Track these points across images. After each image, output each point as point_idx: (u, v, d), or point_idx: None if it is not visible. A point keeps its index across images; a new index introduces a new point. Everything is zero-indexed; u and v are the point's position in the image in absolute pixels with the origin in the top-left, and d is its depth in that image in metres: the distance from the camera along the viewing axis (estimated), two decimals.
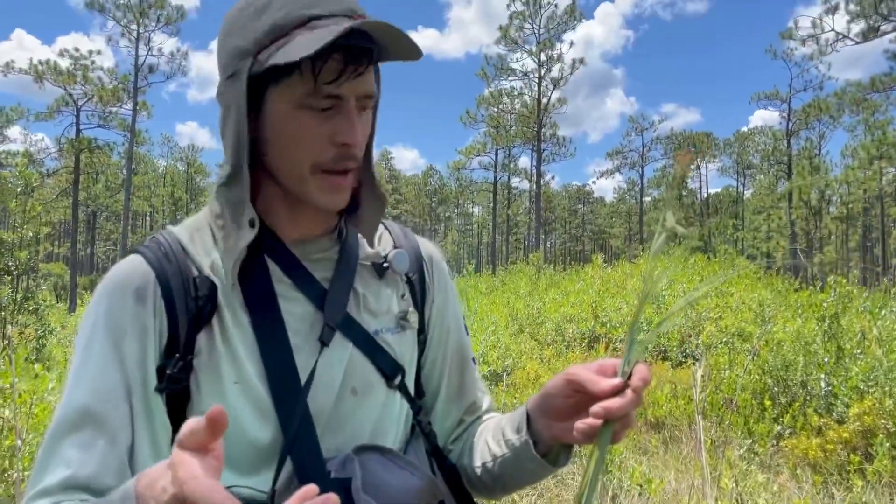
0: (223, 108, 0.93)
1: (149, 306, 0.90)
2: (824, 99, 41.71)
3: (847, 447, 5.27)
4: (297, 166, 0.91)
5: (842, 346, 6.51)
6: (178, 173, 64.50)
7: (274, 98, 0.89)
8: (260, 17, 0.87)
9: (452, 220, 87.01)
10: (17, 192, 12.79)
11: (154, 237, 0.97)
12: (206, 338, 0.91)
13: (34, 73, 34.88)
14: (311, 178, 0.91)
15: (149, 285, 0.91)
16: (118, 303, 0.90)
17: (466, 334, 1.20)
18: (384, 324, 1.03)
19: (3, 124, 48.72)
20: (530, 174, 50.37)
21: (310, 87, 0.86)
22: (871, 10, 31.10)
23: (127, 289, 0.90)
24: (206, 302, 0.91)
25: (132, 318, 0.89)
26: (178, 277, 0.92)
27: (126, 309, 0.89)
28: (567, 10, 42.66)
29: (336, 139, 0.89)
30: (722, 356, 8.19)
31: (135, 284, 0.90)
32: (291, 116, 0.88)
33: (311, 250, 1.00)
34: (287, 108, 0.88)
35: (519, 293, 17.67)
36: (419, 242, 1.17)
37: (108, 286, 0.92)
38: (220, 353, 0.91)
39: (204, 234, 0.98)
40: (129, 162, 37.01)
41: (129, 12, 34.88)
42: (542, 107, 43.56)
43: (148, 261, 0.92)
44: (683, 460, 5.52)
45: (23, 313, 9.82)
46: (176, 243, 0.96)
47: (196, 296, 0.91)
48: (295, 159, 0.90)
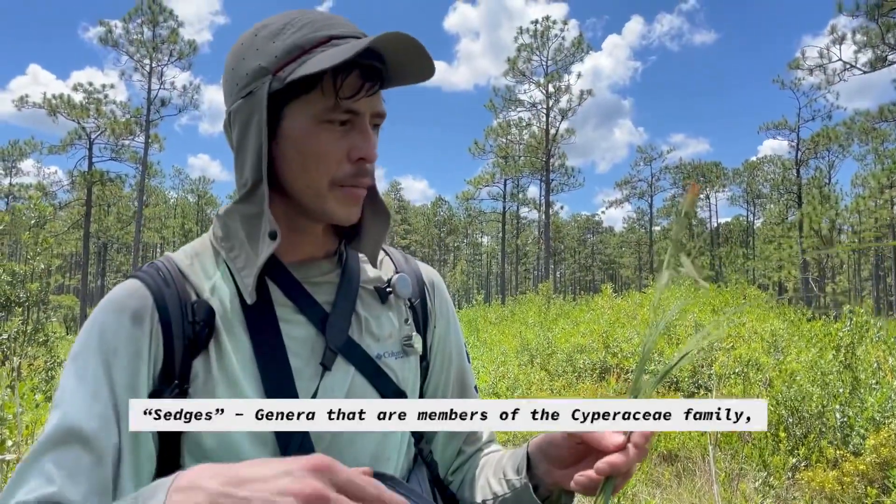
0: (238, 128, 0.93)
1: (145, 329, 0.88)
2: (833, 128, 41.80)
3: (864, 479, 5.17)
4: (316, 182, 0.91)
5: (857, 376, 6.41)
6: (188, 205, 65.09)
7: (293, 114, 0.90)
8: (277, 39, 0.89)
9: (461, 250, 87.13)
10: (31, 224, 12.91)
11: (152, 263, 0.96)
12: (203, 363, 0.90)
13: (48, 106, 35.47)
14: (330, 193, 0.92)
15: (146, 309, 0.89)
16: (114, 324, 0.88)
17: (468, 361, 1.19)
18: (387, 348, 1.02)
19: (17, 157, 49.51)
20: (539, 204, 50.50)
21: (331, 102, 0.88)
22: (878, 39, 31.28)
23: (124, 311, 0.89)
24: (203, 327, 0.90)
25: (126, 340, 0.87)
26: (176, 302, 0.91)
27: (121, 330, 0.87)
28: (574, 43, 43.17)
29: (353, 154, 0.91)
30: (735, 387, 8.09)
31: (132, 307, 0.89)
32: (312, 132, 0.90)
33: (312, 273, 1.00)
34: (307, 123, 0.90)
35: (528, 323, 17.60)
36: (420, 268, 1.16)
37: (105, 307, 0.90)
38: (216, 379, 0.89)
39: (204, 257, 0.98)
40: (141, 194, 37.35)
41: (143, 47, 35.53)
42: (550, 137, 43.83)
43: (146, 285, 0.91)
44: (697, 493, 5.42)
45: (32, 345, 9.82)
46: (174, 268, 0.95)
47: (193, 320, 0.90)
48: (314, 175, 0.91)
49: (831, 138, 41.92)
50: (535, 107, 44.37)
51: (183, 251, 1.00)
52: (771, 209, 55.97)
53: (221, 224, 0.98)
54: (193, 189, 65.00)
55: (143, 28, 35.63)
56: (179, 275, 0.94)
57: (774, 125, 43.78)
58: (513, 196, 53.06)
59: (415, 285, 1.10)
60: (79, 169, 37.62)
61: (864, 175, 43.79)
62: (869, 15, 30.94)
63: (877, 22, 30.98)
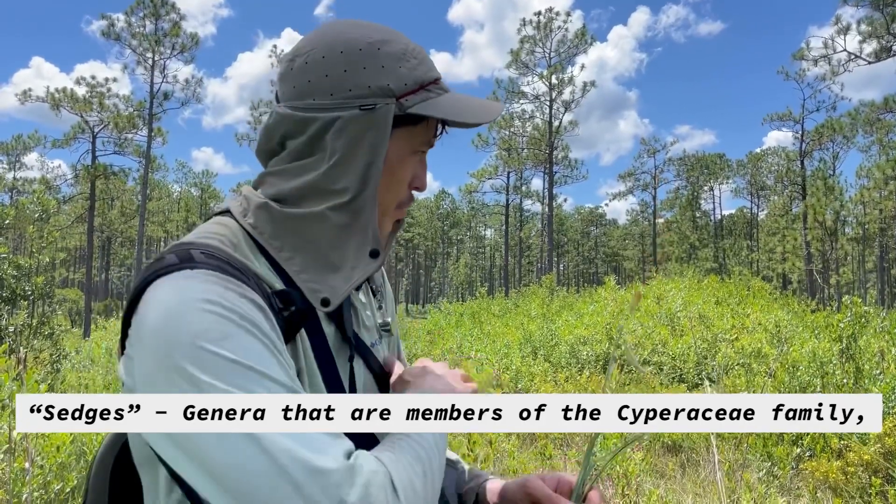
0: (349, 136, 0.90)
1: (270, 319, 0.80)
2: (837, 119, 41.60)
3: (868, 469, 5.17)
4: (388, 202, 0.98)
5: (860, 366, 6.41)
6: (192, 199, 65.12)
7: (398, 139, 0.95)
8: (403, 65, 0.94)
9: (465, 243, 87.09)
10: (35, 218, 12.94)
11: (205, 251, 0.83)
12: (293, 353, 0.87)
13: (51, 100, 35.44)
14: (392, 213, 1.01)
15: (258, 298, 0.80)
16: (248, 309, 0.77)
17: None
18: (373, 337, 1.07)
19: (21, 151, 49.56)
20: (542, 197, 50.45)
21: (429, 137, 0.99)
22: (883, 29, 31.12)
23: (244, 298, 0.78)
24: (294, 314, 0.87)
25: (262, 322, 0.78)
26: (258, 292, 0.83)
27: (257, 317, 0.77)
28: (577, 34, 42.98)
29: (414, 182, 1.02)
30: (739, 377, 8.10)
31: (249, 296, 0.79)
32: (407, 161, 0.98)
33: None
34: (406, 150, 0.97)
35: (532, 315, 17.60)
36: None
37: (219, 293, 0.76)
38: (303, 369, 0.89)
39: (243, 248, 0.90)
40: (144, 188, 37.36)
41: (145, 40, 35.44)
42: (553, 129, 43.72)
43: (231, 275, 0.80)
44: (701, 483, 5.44)
45: (38, 338, 9.87)
46: (235, 260, 0.86)
47: (280, 309, 0.85)
48: (391, 196, 0.98)
49: (836, 129, 41.74)
50: (538, 99, 44.25)
51: (217, 240, 0.88)
52: (775, 201, 55.89)
53: (268, 219, 0.92)
54: (197, 183, 65.04)
55: (144, 21, 35.58)
56: (243, 265, 0.86)
57: (779, 116, 43.59)
58: (516, 189, 53.02)
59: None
60: (82, 163, 37.61)
61: (868, 166, 43.67)
62: (874, 4, 30.80)
63: (882, 12, 30.83)
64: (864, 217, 46.97)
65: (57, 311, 12.75)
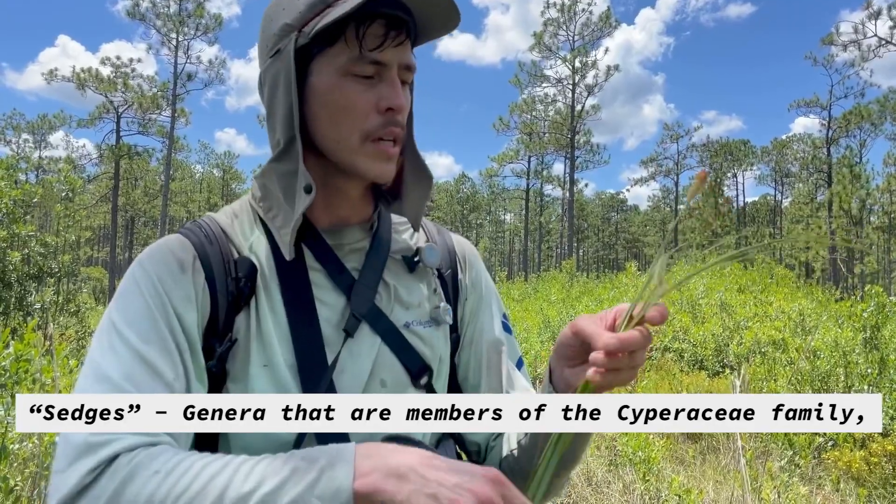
0: (269, 87, 0.94)
1: (192, 279, 0.88)
2: (866, 106, 40.86)
3: (892, 460, 5.13)
4: (347, 136, 0.91)
5: (885, 357, 6.34)
6: (214, 179, 65.49)
7: (319, 69, 0.90)
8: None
9: (484, 228, 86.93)
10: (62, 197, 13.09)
11: (194, 221, 0.97)
12: (244, 320, 0.90)
13: (76, 80, 35.72)
14: (361, 148, 0.91)
15: (192, 261, 0.89)
16: (163, 268, 0.87)
17: (509, 334, 1.15)
18: (416, 316, 1.02)
19: (47, 130, 50.05)
20: (563, 181, 50.14)
21: (355, 53, 0.88)
22: None
23: (171, 258, 0.88)
24: (245, 283, 0.91)
25: (176, 283, 0.86)
26: (219, 258, 0.91)
27: (172, 274, 0.87)
28: (602, 17, 42.49)
29: (381, 105, 0.90)
30: (760, 366, 8.04)
31: (179, 257, 0.89)
32: (338, 85, 0.89)
33: (345, 239, 1.00)
34: (333, 77, 0.90)
35: (551, 300, 17.57)
36: (454, 240, 1.16)
37: (152, 254, 0.89)
38: (253, 336, 0.90)
39: (243, 218, 0.99)
40: (168, 168, 37.63)
41: (169, 21, 35.56)
42: (575, 114, 43.37)
43: (189, 240, 0.92)
44: (722, 471, 5.42)
45: (64, 315, 10.01)
46: (216, 226, 0.96)
47: (236, 277, 0.91)
48: (344, 129, 0.91)
49: (864, 116, 41.00)
50: (560, 82, 43.89)
51: (223, 212, 1.01)
52: (800, 188, 55.06)
53: (259, 185, 0.98)
54: (219, 164, 65.33)
55: (169, 2, 35.68)
56: (221, 233, 0.95)
57: (806, 102, 42.91)
58: (537, 173, 52.71)
59: (445, 256, 1.10)
60: (107, 143, 37.96)
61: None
62: None
63: None
64: (890, 206, 46.24)
65: (82, 289, 12.94)
